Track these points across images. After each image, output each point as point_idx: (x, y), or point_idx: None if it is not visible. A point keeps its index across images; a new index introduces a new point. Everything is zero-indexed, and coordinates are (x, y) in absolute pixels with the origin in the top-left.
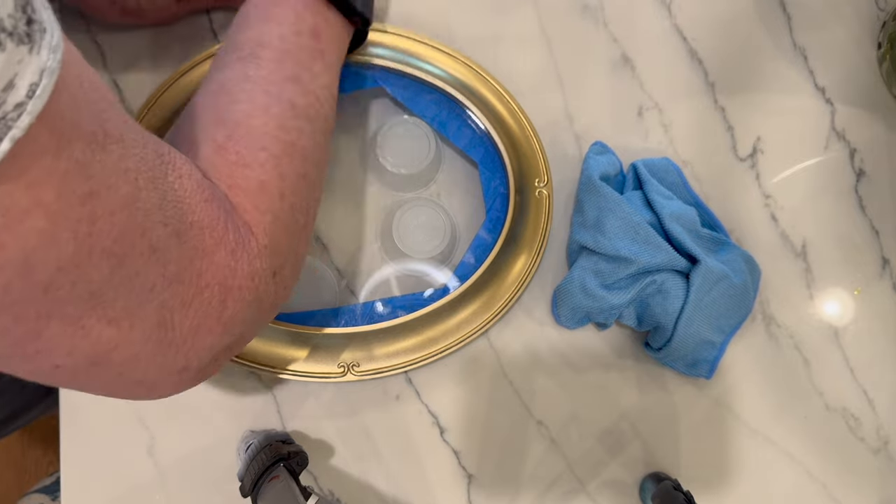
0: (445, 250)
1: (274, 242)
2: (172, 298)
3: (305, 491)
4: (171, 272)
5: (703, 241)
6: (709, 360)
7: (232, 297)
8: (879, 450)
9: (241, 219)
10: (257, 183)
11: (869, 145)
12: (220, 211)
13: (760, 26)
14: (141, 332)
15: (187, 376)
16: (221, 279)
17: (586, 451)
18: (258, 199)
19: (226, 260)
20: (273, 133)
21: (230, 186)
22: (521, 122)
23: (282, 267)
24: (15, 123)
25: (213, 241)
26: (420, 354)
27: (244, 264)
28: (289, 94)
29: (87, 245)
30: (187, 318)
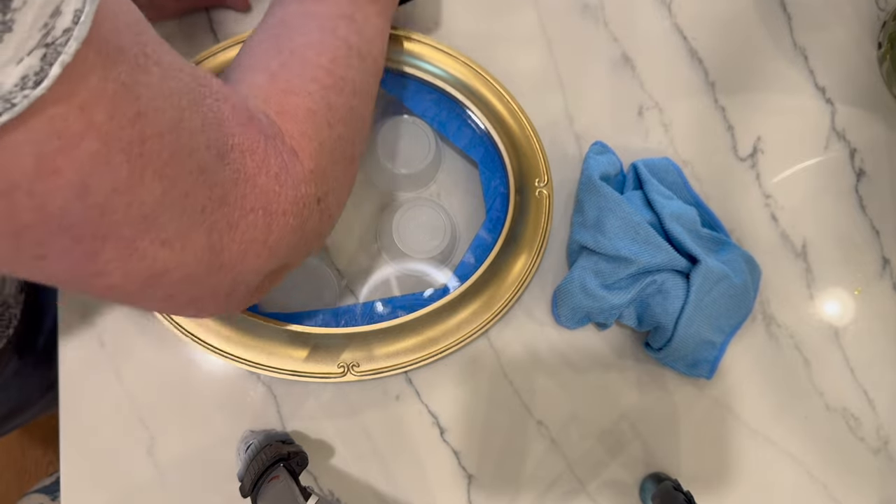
0: (445, 250)
1: (320, 169)
2: (220, 220)
3: (305, 491)
4: (217, 194)
5: (703, 241)
6: (709, 361)
7: (277, 222)
8: (879, 450)
9: (287, 144)
10: (305, 110)
11: (869, 145)
12: (259, 135)
13: (760, 26)
14: (192, 253)
15: (235, 299)
16: (265, 203)
17: (586, 451)
18: (305, 126)
19: (269, 184)
20: (326, 66)
21: (279, 113)
22: (521, 122)
23: (326, 194)
24: (63, 49)
25: (254, 164)
26: (420, 354)
27: (288, 189)
28: (344, 32)
29: (140, 166)
30: (234, 242)
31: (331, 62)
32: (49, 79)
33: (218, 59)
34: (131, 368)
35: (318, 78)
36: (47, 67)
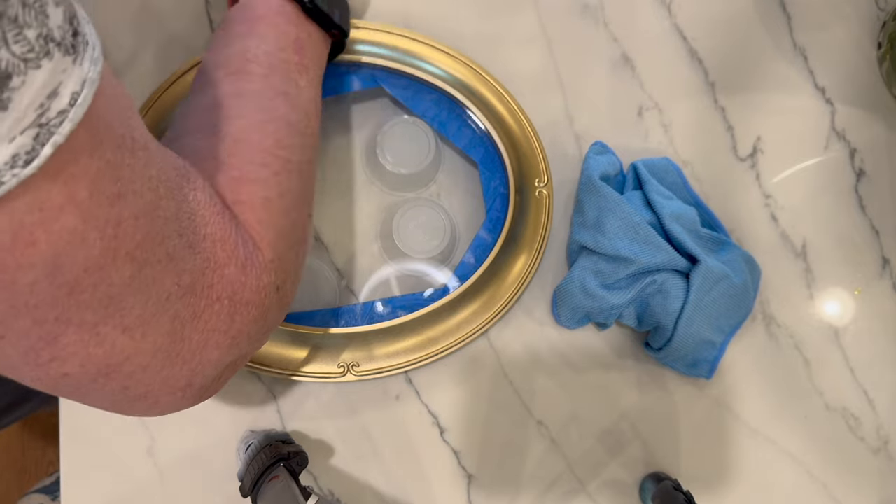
0: (445, 250)
1: (278, 257)
2: (185, 309)
3: (305, 491)
4: (185, 282)
5: (703, 241)
6: (709, 360)
7: (240, 312)
8: (879, 449)
9: (248, 234)
10: (261, 199)
11: (869, 145)
12: (231, 225)
13: (760, 26)
14: (152, 342)
15: (190, 393)
16: (231, 293)
17: (586, 451)
18: (262, 215)
19: (236, 274)
20: (271, 150)
21: (234, 202)
22: (521, 122)
23: (284, 282)
24: (57, 129)
25: (224, 254)
26: (420, 354)
27: (252, 279)
28: (282, 110)
29: (113, 247)
30: (196, 332)
31: (275, 145)
32: (40, 158)
33: None
34: None
35: (267, 163)
36: (39, 147)
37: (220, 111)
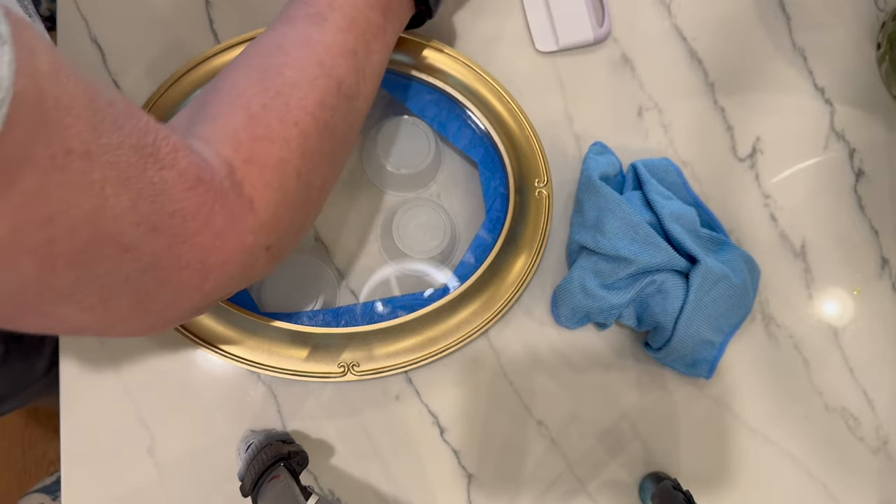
0: (445, 250)
1: (276, 218)
2: (148, 282)
3: (306, 490)
4: (145, 262)
5: (702, 241)
6: (708, 360)
7: (214, 273)
8: (879, 449)
9: (245, 195)
10: (276, 160)
11: (868, 145)
12: (206, 195)
13: (760, 26)
14: (117, 312)
15: (162, 329)
16: (203, 257)
17: (586, 451)
18: (271, 175)
19: (210, 241)
20: (310, 109)
21: (246, 161)
22: (521, 122)
23: (279, 241)
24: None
25: (195, 225)
26: (420, 354)
27: (232, 241)
28: (340, 70)
29: (50, 262)
30: (164, 294)
31: (317, 105)
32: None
33: (218, 60)
34: (131, 368)
35: (300, 122)
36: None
37: (280, 56)
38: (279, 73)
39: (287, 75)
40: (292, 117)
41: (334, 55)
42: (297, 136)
